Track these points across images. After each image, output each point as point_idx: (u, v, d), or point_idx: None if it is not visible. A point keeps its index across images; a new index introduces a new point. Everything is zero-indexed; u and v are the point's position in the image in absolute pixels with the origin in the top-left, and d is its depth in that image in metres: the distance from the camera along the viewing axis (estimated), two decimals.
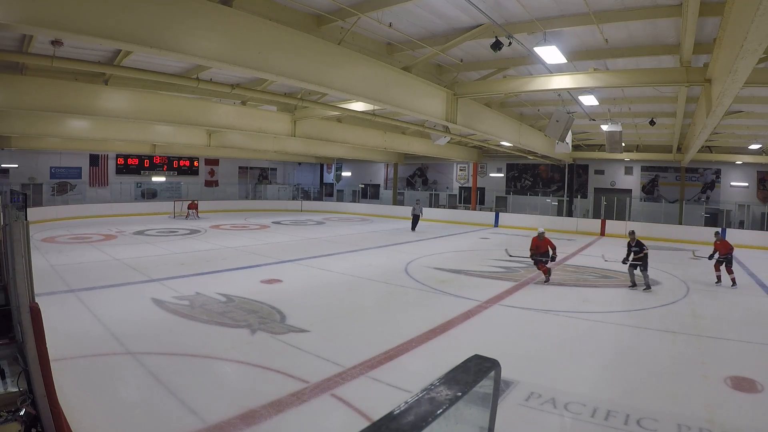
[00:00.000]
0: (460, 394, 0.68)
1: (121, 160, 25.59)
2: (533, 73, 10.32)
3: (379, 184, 32.54)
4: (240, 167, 31.20)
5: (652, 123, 13.83)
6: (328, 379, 4.70)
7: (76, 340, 5.58)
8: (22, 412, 2.52)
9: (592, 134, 19.68)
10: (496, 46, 7.50)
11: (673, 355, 5.78)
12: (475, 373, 0.76)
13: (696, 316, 7.56)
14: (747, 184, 21.78)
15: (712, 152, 20.57)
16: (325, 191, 34.22)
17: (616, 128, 13.01)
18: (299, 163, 34.03)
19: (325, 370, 4.89)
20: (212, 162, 29.46)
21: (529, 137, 16.98)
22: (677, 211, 21.93)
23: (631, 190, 23.92)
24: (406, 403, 0.63)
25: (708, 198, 22.32)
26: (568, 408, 4.25)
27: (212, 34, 5.96)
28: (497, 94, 11.83)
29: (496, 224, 22.85)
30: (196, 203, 22.83)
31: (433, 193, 29.67)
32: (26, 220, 5.56)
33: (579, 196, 25.31)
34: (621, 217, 21.01)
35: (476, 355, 0.81)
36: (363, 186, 32.74)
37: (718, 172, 22.36)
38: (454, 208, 27.59)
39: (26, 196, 15.20)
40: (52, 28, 4.86)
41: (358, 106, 12.49)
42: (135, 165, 26.12)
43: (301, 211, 28.92)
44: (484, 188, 28.00)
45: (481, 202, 27.51)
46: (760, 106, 12.26)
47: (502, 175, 27.95)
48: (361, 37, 8.44)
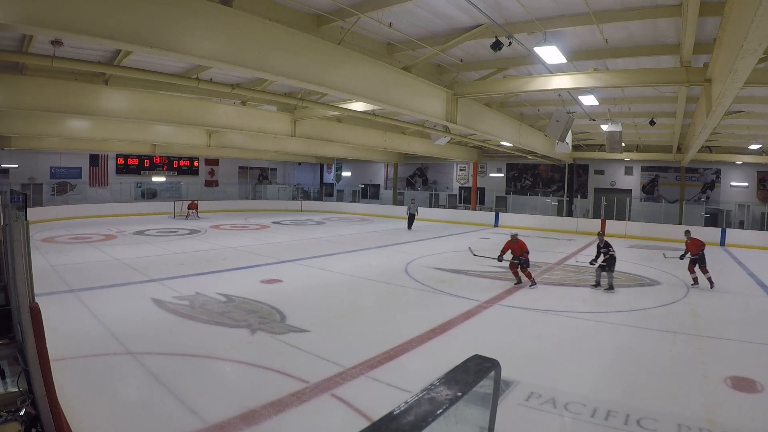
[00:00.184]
0: (460, 394, 0.68)
1: (121, 160, 25.59)
2: (533, 73, 10.32)
3: (379, 184, 32.53)
4: (240, 167, 31.19)
5: (652, 123, 13.83)
6: (328, 379, 4.71)
7: (76, 340, 5.59)
8: (22, 412, 2.52)
9: (592, 134, 19.68)
10: (496, 46, 7.50)
11: (673, 355, 5.78)
12: (475, 373, 0.76)
13: (696, 316, 7.56)
14: (747, 184, 21.78)
15: (712, 152, 20.56)
16: (325, 191, 34.21)
17: (616, 128, 13.01)
18: (299, 163, 34.02)
19: (325, 370, 4.89)
20: (212, 162, 29.46)
21: (529, 137, 16.98)
22: (677, 211, 21.92)
23: (631, 190, 23.91)
24: (406, 403, 0.63)
25: (708, 198, 22.31)
26: (568, 408, 4.25)
27: (212, 34, 5.96)
28: (497, 94, 11.82)
29: (496, 224, 22.85)
30: (196, 203, 22.82)
31: (433, 193, 29.65)
32: (26, 220, 5.57)
33: (579, 196, 25.30)
34: (621, 217, 21.00)
35: (476, 355, 0.81)
36: (363, 186, 32.73)
37: (718, 172, 22.35)
38: (454, 208, 27.59)
39: (26, 196, 15.19)
40: (52, 28, 4.86)
41: (358, 106, 12.48)
42: (135, 165, 26.11)
43: (301, 211, 28.92)
44: (484, 188, 27.99)
45: (481, 202, 27.51)
46: (760, 106, 12.25)
47: (502, 175, 27.95)
48: (361, 37, 8.44)
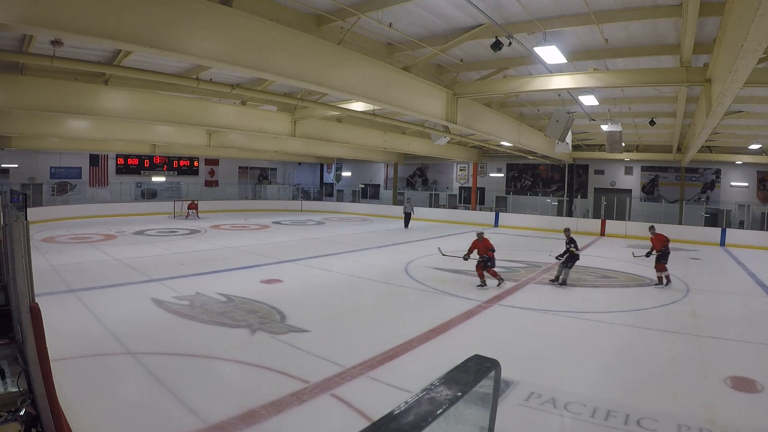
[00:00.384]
0: (460, 394, 0.68)
1: (121, 160, 25.59)
2: (533, 73, 10.32)
3: (379, 184, 32.53)
4: (240, 167, 31.19)
5: (652, 123, 13.83)
6: (328, 379, 4.70)
7: (76, 340, 5.59)
8: (22, 412, 2.52)
9: (592, 134, 19.68)
10: (496, 46, 7.49)
11: (673, 355, 5.78)
12: (475, 373, 0.76)
13: (696, 316, 7.56)
14: (747, 184, 21.78)
15: (712, 152, 20.56)
16: (325, 191, 34.21)
17: (616, 128, 13.01)
18: (299, 163, 34.02)
19: (325, 370, 4.89)
20: (212, 162, 29.46)
21: (529, 137, 16.98)
22: (677, 211, 21.92)
23: (631, 190, 23.91)
24: (406, 403, 0.63)
25: (708, 198, 22.31)
26: (568, 408, 4.25)
27: (212, 34, 5.96)
28: (497, 94, 11.82)
29: (496, 224, 22.85)
30: (196, 203, 22.83)
31: (433, 193, 29.65)
32: (26, 220, 5.57)
33: (579, 196, 25.30)
34: (621, 217, 21.00)
35: (476, 355, 0.81)
36: (363, 186, 32.72)
37: (718, 172, 22.35)
38: (454, 208, 27.58)
39: (26, 196, 15.21)
40: (52, 28, 4.86)
41: (358, 106, 12.48)
42: (135, 165, 26.11)
43: (301, 211, 28.92)
44: (484, 188, 27.99)
45: (481, 202, 27.51)
46: (760, 106, 12.25)
47: (502, 175, 27.95)
48: (361, 37, 8.44)
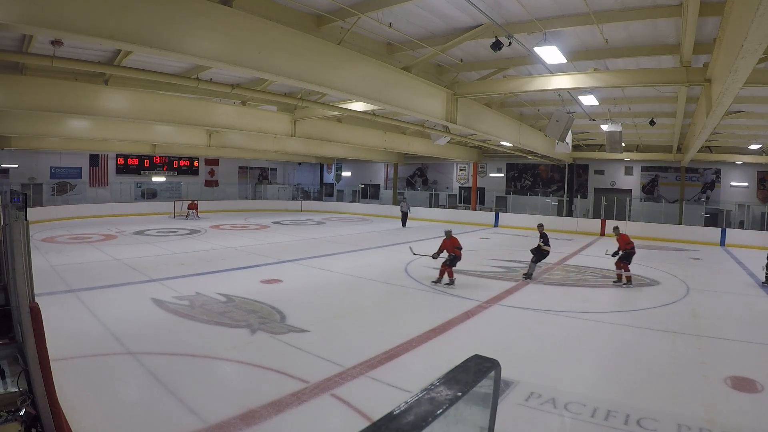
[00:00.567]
0: (460, 394, 0.68)
1: (121, 160, 25.59)
2: (533, 73, 10.31)
3: (379, 184, 32.52)
4: (240, 167, 31.19)
5: (652, 123, 13.83)
6: (328, 379, 4.70)
7: (76, 340, 5.58)
8: (22, 412, 2.52)
9: (592, 134, 19.68)
10: (496, 46, 7.49)
11: (673, 355, 5.78)
12: (475, 373, 0.76)
13: (696, 316, 7.56)
14: (747, 184, 21.78)
15: (712, 152, 20.56)
16: (325, 191, 34.21)
17: (616, 128, 13.01)
18: (299, 163, 34.02)
19: (325, 370, 4.89)
20: (212, 162, 29.46)
21: (529, 137, 16.98)
22: (677, 211, 21.92)
23: (631, 190, 23.91)
24: (406, 403, 0.63)
25: (708, 198, 22.31)
26: (568, 408, 4.25)
27: (212, 34, 5.96)
28: (497, 94, 11.82)
29: (496, 224, 22.85)
30: (196, 203, 22.82)
31: (433, 193, 29.64)
32: (26, 220, 5.57)
33: (579, 196, 25.30)
34: (621, 217, 20.99)
35: (476, 355, 0.81)
36: (363, 186, 32.72)
37: (718, 172, 22.35)
38: (454, 208, 27.57)
39: (26, 196, 15.18)
40: (52, 28, 4.86)
41: (358, 106, 12.48)
42: (135, 165, 26.11)
43: (301, 211, 28.91)
44: (484, 188, 27.99)
45: (481, 202, 27.51)
46: (760, 106, 12.25)
47: (502, 175, 27.94)
48: (361, 37, 8.44)
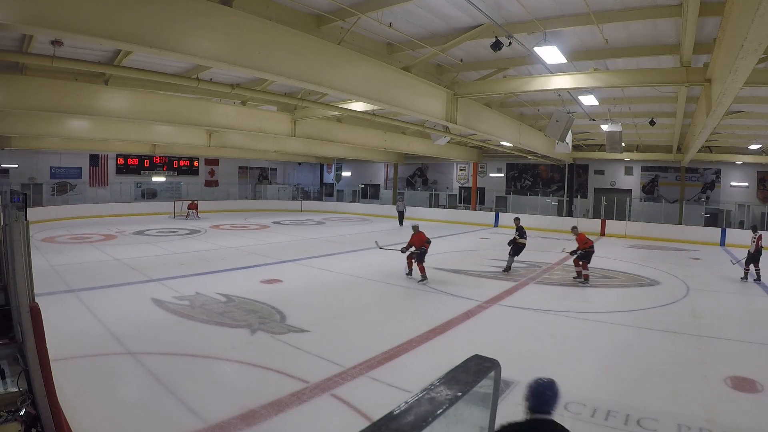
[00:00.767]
0: (460, 394, 0.68)
1: (121, 160, 25.59)
2: (533, 73, 10.31)
3: (379, 184, 32.52)
4: (240, 167, 31.19)
5: (652, 123, 13.82)
6: (328, 379, 4.70)
7: (76, 340, 5.59)
8: (22, 412, 2.52)
9: (592, 134, 19.67)
10: (496, 46, 7.49)
11: (673, 354, 5.78)
12: (475, 373, 0.76)
13: (696, 316, 7.56)
14: (747, 184, 21.77)
15: (712, 152, 20.55)
16: (325, 191, 34.20)
17: (616, 128, 13.00)
18: (299, 163, 34.01)
19: (325, 370, 4.89)
20: (212, 162, 29.46)
21: (529, 137, 16.97)
22: (677, 211, 21.91)
23: (631, 190, 23.90)
24: (406, 403, 0.63)
25: (708, 198, 22.30)
26: (568, 408, 4.24)
27: (212, 34, 5.96)
28: (497, 94, 11.82)
29: (496, 224, 22.84)
30: (196, 203, 22.82)
31: (433, 193, 29.64)
32: (26, 220, 5.55)
33: (579, 196, 25.29)
34: (621, 217, 20.99)
35: (476, 355, 0.81)
36: (363, 186, 32.72)
37: (718, 172, 22.35)
38: (454, 208, 27.58)
39: (26, 196, 15.15)
40: (52, 28, 4.86)
41: (358, 106, 12.48)
42: (135, 165, 26.11)
43: (301, 211, 28.91)
44: (484, 188, 27.99)
45: (481, 202, 27.51)
46: (760, 106, 12.25)
47: (502, 175, 27.94)
48: (361, 37, 8.44)
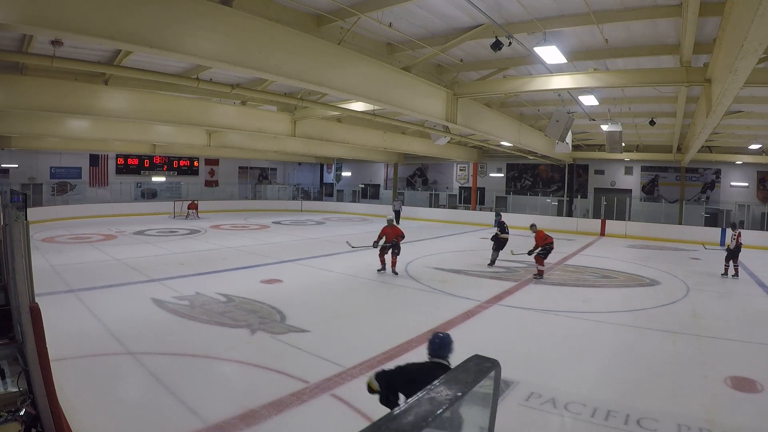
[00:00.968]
0: (460, 394, 0.68)
1: (121, 160, 25.58)
2: (533, 73, 10.31)
3: (379, 184, 32.51)
4: (240, 167, 31.18)
5: (652, 123, 13.82)
6: (328, 379, 4.70)
7: (76, 340, 5.59)
8: (22, 412, 2.52)
9: (592, 134, 19.67)
10: (496, 46, 7.49)
11: (673, 355, 5.79)
12: (475, 373, 0.76)
13: (696, 316, 7.56)
14: (747, 184, 21.76)
15: (712, 152, 20.55)
16: (325, 191, 34.20)
17: (616, 128, 13.00)
18: (299, 163, 34.01)
19: (325, 370, 4.89)
20: (212, 162, 29.46)
21: (529, 137, 16.98)
22: (677, 211, 21.90)
23: (631, 190, 23.89)
24: (406, 403, 0.63)
25: (708, 198, 22.30)
26: (568, 408, 4.25)
27: (212, 34, 5.95)
28: (497, 94, 11.82)
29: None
30: (196, 203, 22.82)
31: (433, 193, 29.63)
32: (26, 220, 5.55)
33: (579, 196, 25.28)
34: (621, 217, 20.99)
35: (476, 355, 0.81)
36: (363, 186, 32.71)
37: (718, 172, 22.34)
38: (454, 208, 27.56)
39: (26, 196, 15.17)
40: (52, 28, 4.86)
41: (358, 106, 12.48)
42: (135, 165, 26.10)
43: (301, 211, 28.91)
44: (484, 188, 27.97)
45: (481, 202, 27.50)
46: (760, 106, 12.25)
47: (502, 175, 27.93)
48: (361, 37, 8.44)
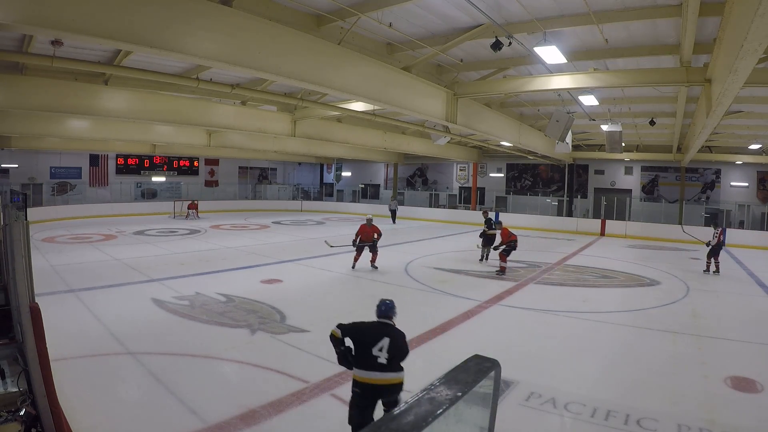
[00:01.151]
0: (460, 394, 0.68)
1: (121, 160, 25.57)
2: (533, 73, 10.31)
3: (379, 184, 32.51)
4: (240, 167, 31.18)
5: (652, 123, 13.82)
6: (328, 379, 4.71)
7: (76, 340, 5.59)
8: (22, 412, 2.52)
9: (592, 134, 19.67)
10: (496, 46, 7.49)
11: (674, 355, 5.78)
12: (475, 373, 0.76)
13: (696, 316, 7.56)
14: (747, 184, 21.76)
15: (712, 152, 20.55)
16: (325, 191, 34.20)
17: (616, 128, 13.00)
18: (299, 163, 34.01)
19: (325, 370, 4.89)
20: (212, 162, 29.45)
21: (529, 137, 16.98)
22: (677, 211, 21.89)
23: (631, 190, 23.89)
24: (406, 403, 0.63)
25: (708, 198, 22.30)
26: (568, 408, 4.25)
27: (212, 35, 5.96)
28: (497, 94, 11.82)
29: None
30: (196, 203, 22.81)
31: (433, 193, 29.62)
32: (26, 220, 5.56)
33: (579, 196, 25.28)
34: (621, 217, 20.99)
35: (476, 355, 0.81)
36: (363, 186, 32.71)
37: (718, 172, 22.34)
38: (454, 208, 27.57)
39: (26, 196, 15.16)
40: (52, 28, 4.86)
41: (358, 106, 12.48)
42: (135, 165, 26.10)
43: (301, 211, 28.91)
44: (484, 188, 27.97)
45: (481, 202, 27.48)
46: (760, 106, 12.24)
47: (502, 175, 27.93)
48: (361, 37, 8.44)
